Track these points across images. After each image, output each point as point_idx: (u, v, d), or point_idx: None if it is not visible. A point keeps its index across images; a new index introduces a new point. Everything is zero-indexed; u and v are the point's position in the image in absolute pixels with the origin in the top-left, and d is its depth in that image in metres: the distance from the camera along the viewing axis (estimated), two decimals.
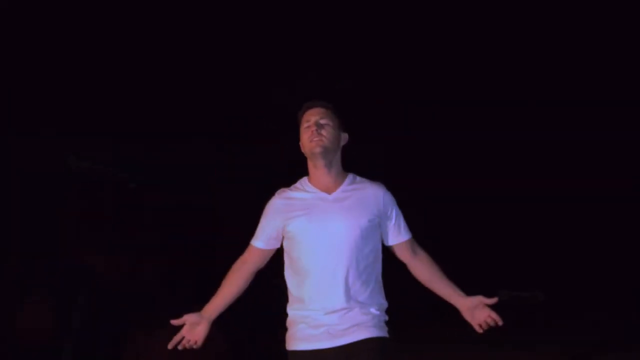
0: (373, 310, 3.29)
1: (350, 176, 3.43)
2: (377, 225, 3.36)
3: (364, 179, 3.44)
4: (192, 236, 10.97)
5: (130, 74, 11.56)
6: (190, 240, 10.89)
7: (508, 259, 15.65)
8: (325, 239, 3.25)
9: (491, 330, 3.39)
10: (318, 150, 3.32)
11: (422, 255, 3.47)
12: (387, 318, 3.37)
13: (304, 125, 3.39)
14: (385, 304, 3.38)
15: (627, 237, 15.44)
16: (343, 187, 3.38)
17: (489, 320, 3.38)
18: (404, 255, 3.46)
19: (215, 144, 12.33)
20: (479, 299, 3.42)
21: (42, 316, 8.24)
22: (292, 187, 3.45)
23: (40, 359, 7.93)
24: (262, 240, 3.45)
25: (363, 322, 3.25)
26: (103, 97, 11.35)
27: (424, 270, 3.45)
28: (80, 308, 8.64)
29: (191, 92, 12.41)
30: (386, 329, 3.33)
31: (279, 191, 3.45)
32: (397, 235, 3.43)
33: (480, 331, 3.38)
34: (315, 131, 3.31)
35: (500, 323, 3.35)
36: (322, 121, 3.36)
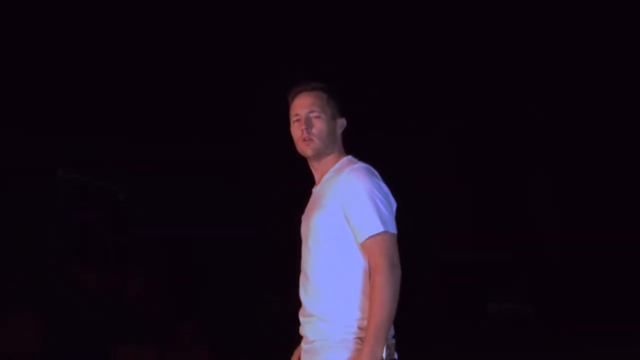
0: (338, 321, 2.70)
1: (339, 163, 2.90)
2: (340, 217, 2.73)
3: (349, 164, 2.88)
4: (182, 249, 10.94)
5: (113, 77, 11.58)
6: (180, 254, 10.86)
7: (497, 272, 15.60)
8: (303, 238, 2.89)
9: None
10: (309, 153, 2.88)
11: (373, 281, 2.65)
12: (357, 335, 2.69)
13: (293, 117, 2.91)
14: (357, 319, 2.70)
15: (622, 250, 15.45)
16: (325, 176, 2.91)
17: None
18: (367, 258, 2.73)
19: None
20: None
21: (26, 330, 8.16)
22: None
23: None
24: None
25: (326, 340, 2.72)
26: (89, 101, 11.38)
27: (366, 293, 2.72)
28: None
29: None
30: (351, 348, 2.67)
31: None
32: (356, 231, 2.72)
33: None
34: (305, 130, 2.84)
35: None
36: (313, 114, 2.85)
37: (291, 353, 2.95)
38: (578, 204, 15.90)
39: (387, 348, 2.64)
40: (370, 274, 2.68)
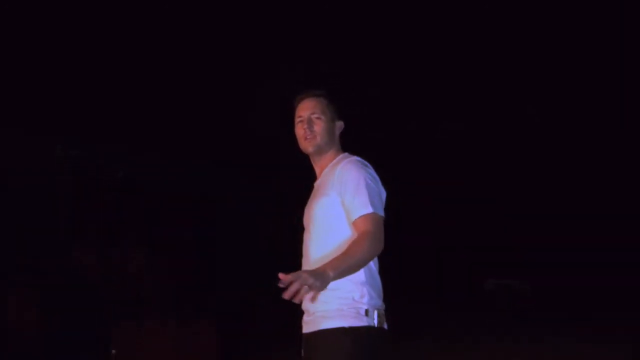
0: (337, 296, 3.06)
1: (337, 159, 3.34)
2: (338, 204, 3.14)
3: (344, 158, 3.30)
4: (183, 229, 10.96)
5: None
6: (181, 233, 10.89)
7: (496, 249, 15.77)
8: (305, 225, 3.30)
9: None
10: (310, 150, 3.35)
11: (357, 237, 3.02)
12: (361, 305, 3.06)
13: (297, 119, 3.38)
14: (352, 292, 3.07)
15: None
16: (325, 170, 3.34)
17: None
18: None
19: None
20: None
21: (27, 311, 8.19)
22: None
23: (26, 353, 7.90)
24: None
25: (326, 312, 3.09)
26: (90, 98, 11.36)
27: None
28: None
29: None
30: (354, 318, 3.04)
31: None
32: (349, 212, 3.11)
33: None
34: (308, 129, 3.31)
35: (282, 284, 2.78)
36: (314, 116, 3.34)
37: (296, 327, 3.28)
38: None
39: (379, 316, 3.11)
40: None
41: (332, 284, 2.93)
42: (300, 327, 3.26)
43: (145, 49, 11.80)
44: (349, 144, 3.49)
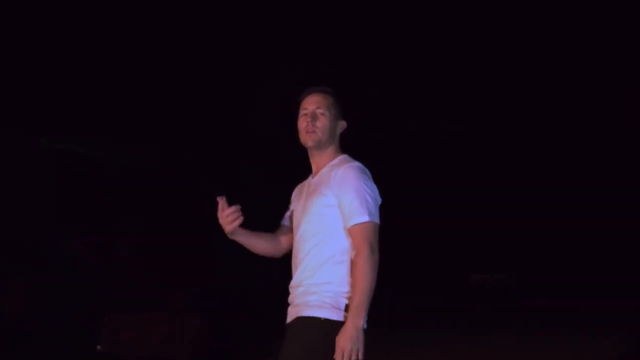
0: (322, 290, 3.18)
1: (336, 159, 3.40)
2: (334, 205, 3.23)
3: (345, 161, 3.36)
4: (172, 218, 10.94)
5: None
6: (170, 222, 10.86)
7: (482, 242, 15.85)
8: (295, 220, 3.41)
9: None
10: (310, 144, 3.38)
11: (355, 262, 3.15)
12: (342, 300, 3.17)
13: (301, 112, 3.42)
14: (334, 290, 3.18)
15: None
16: (322, 170, 3.39)
17: None
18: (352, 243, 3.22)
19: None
20: None
21: (15, 297, 8.15)
22: None
23: (13, 339, 7.86)
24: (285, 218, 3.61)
25: (307, 302, 3.21)
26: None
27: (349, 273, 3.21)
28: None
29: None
30: (333, 311, 3.16)
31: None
32: (345, 217, 3.22)
33: None
34: (310, 123, 3.34)
35: None
36: (319, 111, 3.37)
37: (281, 320, 3.39)
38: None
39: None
40: (350, 254, 3.20)
41: (317, 281, 3.17)
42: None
43: (143, 48, 11.80)
44: (349, 143, 3.53)
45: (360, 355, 3.04)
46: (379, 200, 3.30)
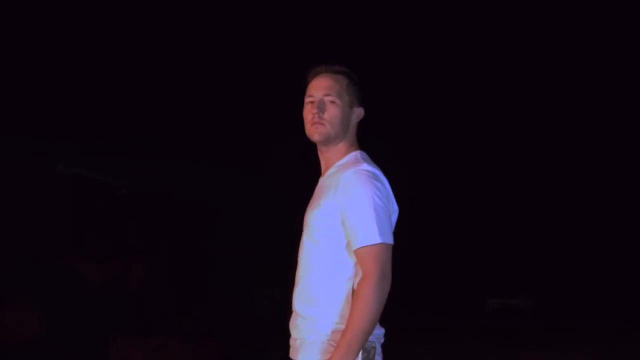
0: (319, 325, 2.58)
1: (347, 157, 2.69)
2: (335, 223, 2.58)
3: (355, 163, 2.65)
4: (183, 242, 10.93)
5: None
6: (181, 246, 10.86)
7: (496, 267, 15.71)
8: (304, 228, 2.72)
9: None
10: (317, 137, 2.66)
11: (360, 288, 2.50)
12: (329, 338, 2.57)
13: (307, 99, 2.70)
14: (335, 322, 2.56)
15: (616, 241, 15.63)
16: (329, 170, 2.71)
17: None
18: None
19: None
20: None
21: (26, 319, 8.16)
22: None
23: None
24: None
25: (300, 339, 2.62)
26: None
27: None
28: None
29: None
30: (323, 350, 2.57)
31: None
32: (351, 236, 2.55)
33: None
34: (317, 115, 2.64)
35: None
36: (328, 98, 2.65)
37: (288, 345, 2.74)
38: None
39: (365, 351, 2.51)
40: (353, 282, 2.58)
41: (314, 310, 2.59)
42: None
43: (145, 59, 11.84)
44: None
45: None
46: (396, 211, 2.67)
